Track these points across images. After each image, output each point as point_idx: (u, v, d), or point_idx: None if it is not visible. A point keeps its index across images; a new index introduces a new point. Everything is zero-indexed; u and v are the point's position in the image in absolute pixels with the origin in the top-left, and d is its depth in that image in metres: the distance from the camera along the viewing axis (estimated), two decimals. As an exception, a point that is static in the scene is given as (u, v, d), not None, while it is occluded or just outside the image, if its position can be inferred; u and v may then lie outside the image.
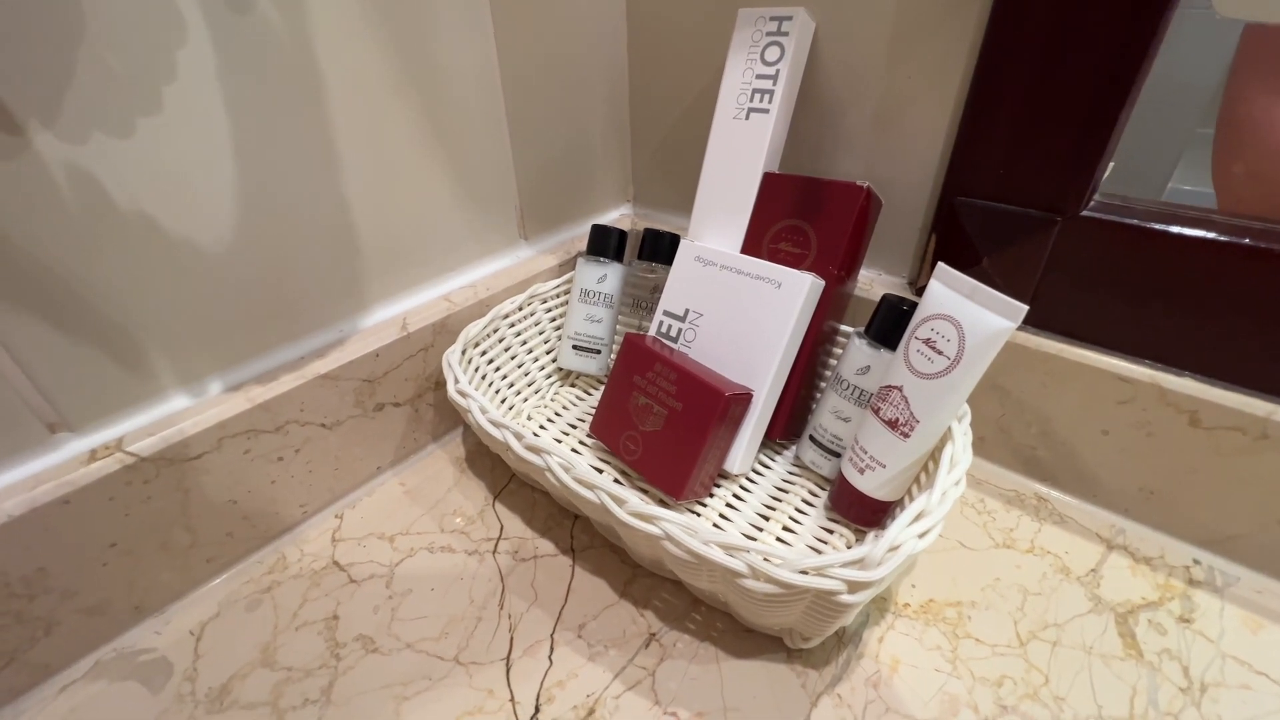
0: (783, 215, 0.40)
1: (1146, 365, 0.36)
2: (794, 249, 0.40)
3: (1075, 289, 0.38)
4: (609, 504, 0.30)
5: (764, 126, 0.40)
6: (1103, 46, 0.32)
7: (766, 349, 0.38)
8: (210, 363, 0.35)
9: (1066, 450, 0.41)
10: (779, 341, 0.38)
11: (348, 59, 0.35)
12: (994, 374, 0.41)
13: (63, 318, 0.29)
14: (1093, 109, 0.33)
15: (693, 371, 0.38)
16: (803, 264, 0.39)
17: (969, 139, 0.38)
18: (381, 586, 0.37)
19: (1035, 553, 0.38)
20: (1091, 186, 0.35)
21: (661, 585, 0.37)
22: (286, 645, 0.34)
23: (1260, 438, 0.33)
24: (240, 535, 0.38)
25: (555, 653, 0.33)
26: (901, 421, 0.33)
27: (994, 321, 0.30)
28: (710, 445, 0.37)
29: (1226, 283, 0.33)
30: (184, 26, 0.29)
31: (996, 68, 0.35)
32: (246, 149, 0.33)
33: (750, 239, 0.42)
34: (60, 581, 0.31)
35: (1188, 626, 0.34)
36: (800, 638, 0.32)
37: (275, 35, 0.32)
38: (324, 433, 0.40)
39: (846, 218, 0.38)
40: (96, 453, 0.31)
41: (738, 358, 0.39)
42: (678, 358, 0.39)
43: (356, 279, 0.41)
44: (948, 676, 0.32)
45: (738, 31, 0.41)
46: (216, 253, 0.34)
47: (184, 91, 0.30)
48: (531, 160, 0.49)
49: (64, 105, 0.27)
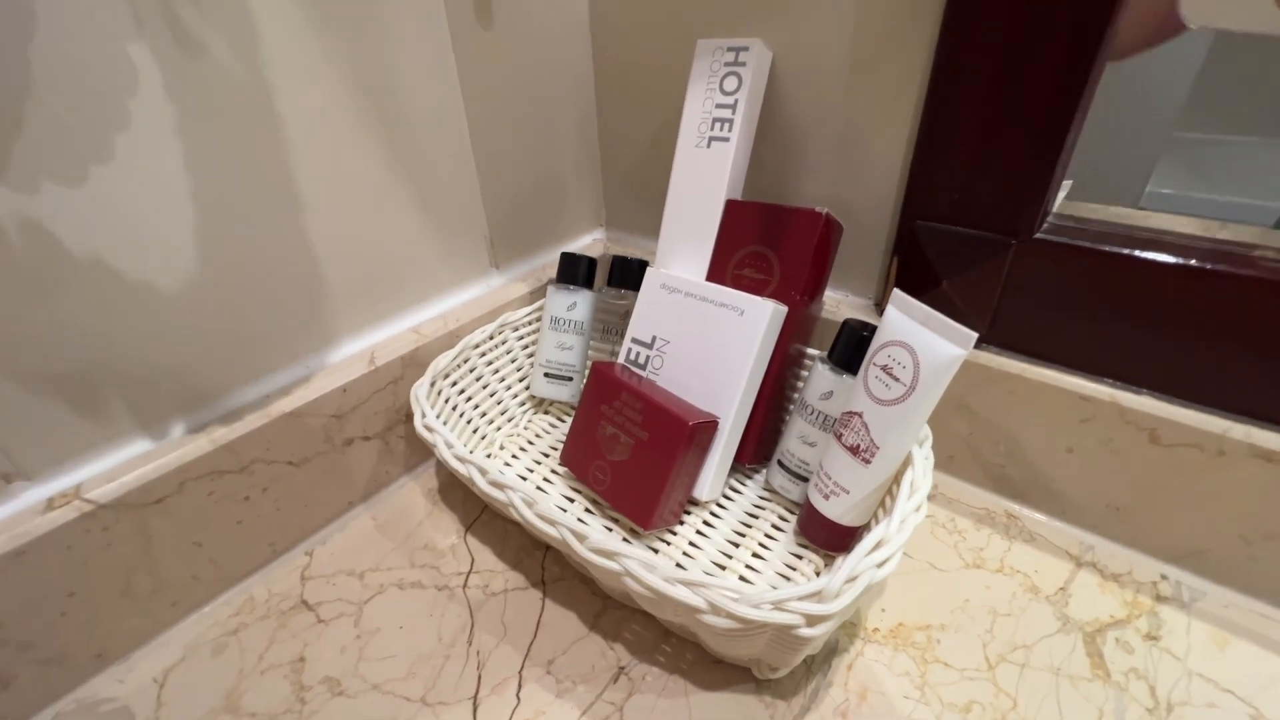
0: (746, 242, 0.41)
1: (1106, 384, 0.37)
2: (757, 275, 0.40)
3: (1033, 309, 0.38)
4: (570, 540, 0.30)
5: (725, 154, 0.41)
6: (1047, 73, 0.32)
7: (732, 376, 0.39)
8: (171, 404, 0.35)
9: (1034, 468, 0.41)
10: (743, 368, 0.38)
11: (307, 98, 0.36)
12: (961, 394, 0.41)
13: (17, 366, 0.29)
14: (1040, 134, 0.34)
15: (658, 400, 0.38)
16: (766, 289, 0.40)
17: (925, 164, 0.39)
18: (350, 625, 0.37)
19: (1005, 572, 0.38)
20: (1044, 209, 0.36)
21: (632, 617, 0.36)
22: (252, 690, 0.33)
23: (1217, 454, 0.34)
24: (206, 578, 0.37)
25: (523, 690, 0.33)
26: (863, 447, 0.33)
27: (947, 349, 0.30)
28: (677, 474, 0.37)
29: (1178, 302, 0.34)
30: (135, 73, 0.29)
31: (947, 94, 0.36)
32: (204, 191, 0.33)
33: (715, 265, 0.42)
34: (16, 634, 0.30)
35: (1155, 644, 0.34)
36: (768, 668, 0.32)
37: (231, 77, 0.32)
38: (292, 470, 0.39)
39: (807, 243, 0.38)
40: (53, 501, 0.31)
41: (704, 384, 0.40)
42: (644, 386, 0.40)
43: (322, 314, 0.41)
44: (916, 704, 0.32)
45: (696, 62, 0.42)
46: (175, 295, 0.33)
47: (137, 137, 0.30)
48: (500, 190, 0.49)
49: (12, 156, 0.27)
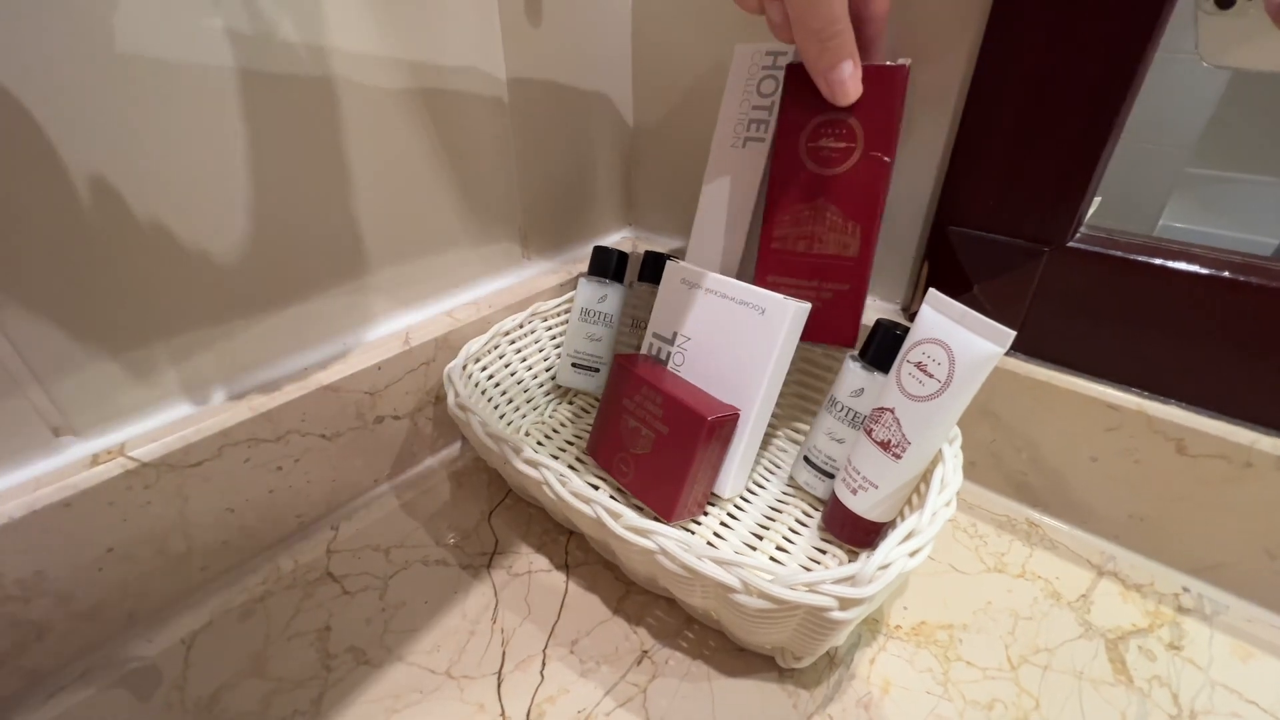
0: (817, 110, 0.37)
1: (1134, 393, 0.37)
2: (838, 143, 0.37)
3: (1063, 317, 0.39)
4: (604, 518, 0.30)
5: (759, 154, 0.42)
6: (1087, 84, 0.33)
7: (753, 376, 0.38)
8: (215, 370, 0.36)
9: (1056, 476, 0.41)
10: (764, 369, 0.38)
11: (362, 78, 0.37)
12: (985, 400, 0.41)
13: (74, 324, 0.30)
14: (1078, 144, 0.35)
15: (677, 395, 0.38)
16: (850, 157, 0.37)
17: (961, 170, 0.39)
18: (375, 598, 0.37)
19: (1026, 577, 0.38)
20: (1077, 219, 0.36)
21: (655, 603, 0.37)
22: (278, 656, 0.34)
23: (1245, 466, 0.34)
24: (236, 544, 0.38)
25: (547, 668, 0.33)
26: (894, 443, 0.33)
27: (983, 346, 0.30)
28: (697, 468, 0.37)
29: (1209, 314, 0.34)
30: (209, 45, 0.30)
31: (986, 102, 0.37)
32: (261, 164, 0.34)
33: (784, 140, 0.39)
34: (56, 585, 0.31)
35: (1177, 654, 0.34)
36: (792, 657, 0.32)
37: (295, 56, 0.34)
38: (324, 443, 0.40)
39: (892, 102, 0.35)
40: (99, 457, 0.32)
41: (726, 383, 0.40)
42: (666, 379, 0.40)
43: (362, 292, 0.42)
44: (939, 699, 0.32)
45: (735, 65, 0.43)
46: (227, 262, 0.34)
47: (204, 107, 0.31)
48: (536, 182, 0.50)
49: (87, 115, 0.28)
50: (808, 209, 0.38)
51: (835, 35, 0.31)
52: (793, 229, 0.39)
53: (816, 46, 0.32)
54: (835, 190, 0.37)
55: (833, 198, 0.37)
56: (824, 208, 0.38)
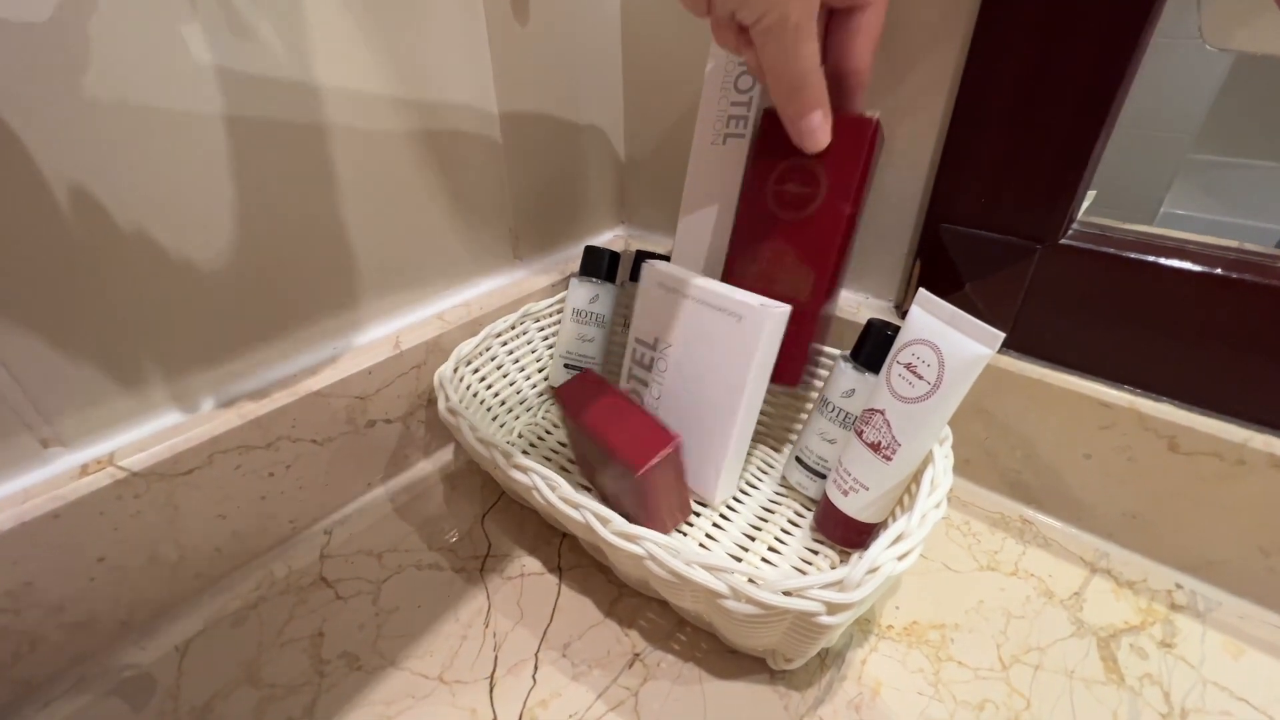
0: (786, 154, 0.37)
1: (1126, 391, 0.37)
2: (801, 188, 0.37)
3: (1056, 315, 0.38)
4: (593, 523, 0.30)
5: (740, 151, 0.41)
6: (1079, 79, 0.33)
7: (732, 385, 0.38)
8: (204, 378, 0.36)
9: (1050, 474, 0.41)
10: (744, 374, 0.37)
11: (347, 81, 0.36)
12: (978, 398, 0.41)
13: (60, 335, 0.30)
14: (1069, 140, 0.34)
15: (610, 441, 0.35)
16: (811, 204, 0.37)
17: (952, 167, 0.39)
18: (368, 603, 0.37)
19: (1019, 575, 0.38)
20: (1069, 215, 0.36)
21: (647, 605, 0.37)
22: (271, 662, 0.34)
23: (1237, 463, 0.34)
24: (228, 551, 0.38)
25: (539, 672, 0.33)
26: (884, 444, 0.33)
27: (972, 348, 0.30)
28: (657, 500, 0.36)
29: (1202, 311, 0.34)
30: (187, 51, 0.30)
31: (977, 99, 0.37)
32: (245, 170, 0.34)
33: (753, 182, 0.40)
34: (47, 596, 0.31)
35: (1169, 651, 0.34)
36: (783, 659, 0.32)
37: (277, 60, 0.33)
38: (315, 449, 0.40)
39: (857, 153, 0.35)
40: (88, 467, 0.32)
41: (706, 390, 0.39)
42: (602, 416, 0.37)
43: (351, 297, 0.41)
44: (930, 700, 0.32)
45: (711, 62, 0.42)
46: (213, 270, 0.34)
47: (185, 114, 0.31)
48: (526, 183, 0.50)
49: (67, 124, 0.28)
50: (767, 249, 0.39)
51: (806, 86, 0.32)
52: (751, 266, 0.40)
53: (786, 94, 0.32)
54: (794, 234, 0.38)
55: (791, 241, 0.38)
56: (783, 250, 0.38)
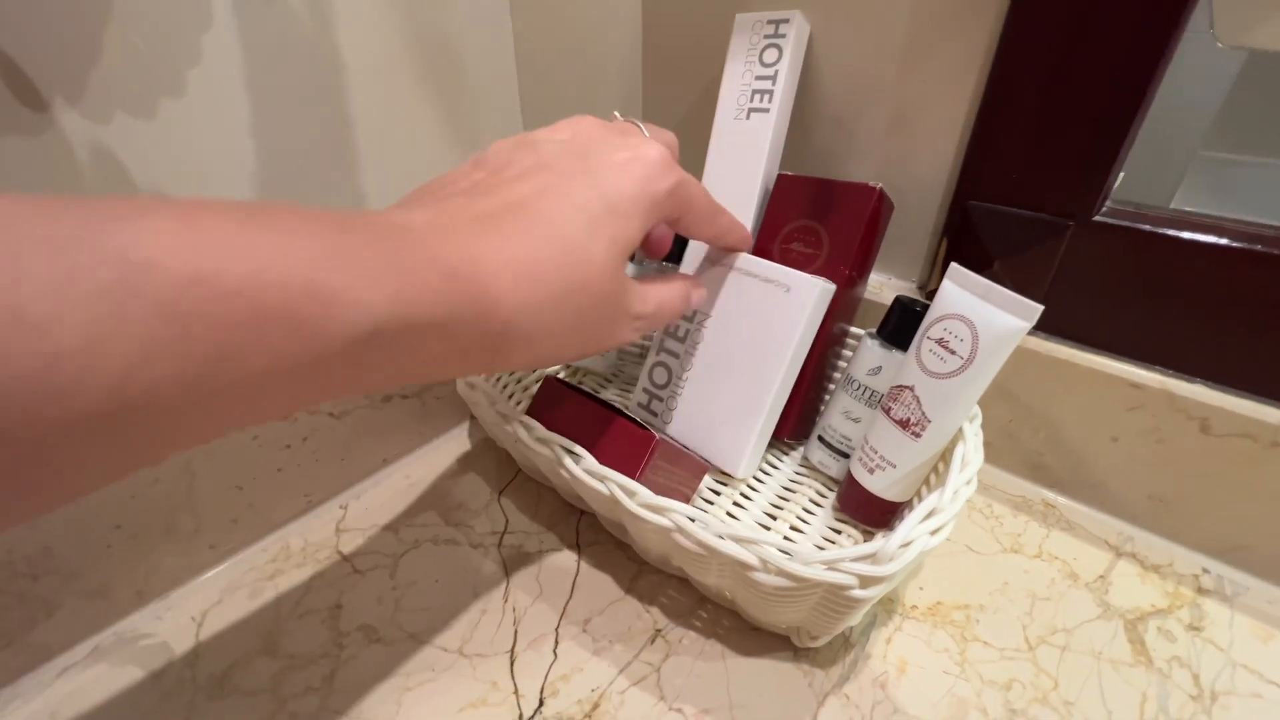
0: (795, 216, 0.40)
1: (1157, 371, 0.36)
2: (806, 249, 0.40)
3: (1087, 294, 0.38)
4: (620, 496, 0.30)
5: (765, 126, 0.41)
6: (1118, 52, 0.32)
7: (775, 353, 0.38)
8: (221, 347, 0.35)
9: (1075, 457, 0.40)
10: (787, 346, 0.37)
11: (368, 50, 0.36)
12: (1002, 379, 0.40)
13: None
14: (1106, 113, 0.33)
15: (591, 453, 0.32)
16: (814, 264, 0.39)
17: (982, 143, 0.38)
18: (385, 577, 0.37)
19: (1043, 558, 0.38)
20: (1104, 192, 0.35)
21: (668, 582, 0.36)
22: (289, 633, 0.34)
23: (1271, 445, 0.33)
24: (245, 522, 0.37)
25: (560, 646, 0.33)
26: (913, 421, 0.33)
27: (1008, 321, 0.30)
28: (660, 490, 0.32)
29: (1238, 289, 0.33)
30: (210, 11, 0.29)
31: (1011, 72, 0.36)
32: (266, 135, 0.33)
33: (763, 238, 0.42)
34: (65, 563, 0.31)
35: (1197, 635, 0.33)
36: (808, 636, 0.32)
37: (300, 24, 0.33)
38: (333, 422, 0.40)
39: (859, 219, 0.38)
40: (105, 433, 0.31)
41: (745, 360, 0.39)
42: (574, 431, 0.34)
43: (369, 269, 0.41)
44: (956, 679, 0.31)
45: (735, 35, 0.41)
46: (232, 237, 0.34)
47: (207, 76, 0.30)
48: (544, 158, 0.49)
49: (89, 83, 0.27)
50: None
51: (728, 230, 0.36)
52: None
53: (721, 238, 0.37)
54: None
55: None
56: None
